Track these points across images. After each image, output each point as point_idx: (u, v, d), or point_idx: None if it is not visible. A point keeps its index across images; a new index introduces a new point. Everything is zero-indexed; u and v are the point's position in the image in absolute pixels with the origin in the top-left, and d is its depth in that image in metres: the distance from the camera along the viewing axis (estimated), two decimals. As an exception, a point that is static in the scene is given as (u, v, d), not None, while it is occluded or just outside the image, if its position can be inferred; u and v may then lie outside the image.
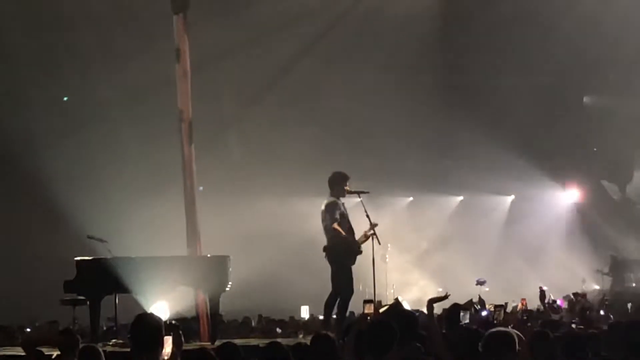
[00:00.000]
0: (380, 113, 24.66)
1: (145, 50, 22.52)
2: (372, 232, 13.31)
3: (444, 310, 11.13)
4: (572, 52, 24.37)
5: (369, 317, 12.53)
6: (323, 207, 13.39)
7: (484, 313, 15.78)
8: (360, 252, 13.46)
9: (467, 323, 11.14)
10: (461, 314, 10.73)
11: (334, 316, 13.79)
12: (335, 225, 13.15)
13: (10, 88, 24.11)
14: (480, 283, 20.08)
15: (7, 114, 23.82)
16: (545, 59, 24.86)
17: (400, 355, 7.45)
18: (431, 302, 8.39)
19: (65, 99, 25.13)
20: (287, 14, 23.72)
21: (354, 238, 13.35)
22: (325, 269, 13.48)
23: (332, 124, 24.91)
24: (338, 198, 13.40)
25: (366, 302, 14.34)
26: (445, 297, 8.88)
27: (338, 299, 13.37)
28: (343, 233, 13.17)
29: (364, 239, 13.35)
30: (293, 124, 23.95)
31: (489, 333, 6.89)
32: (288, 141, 23.97)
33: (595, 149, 26.96)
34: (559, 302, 19.35)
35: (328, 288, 13.44)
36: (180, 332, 9.31)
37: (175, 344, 8.66)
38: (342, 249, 13.21)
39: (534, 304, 18.60)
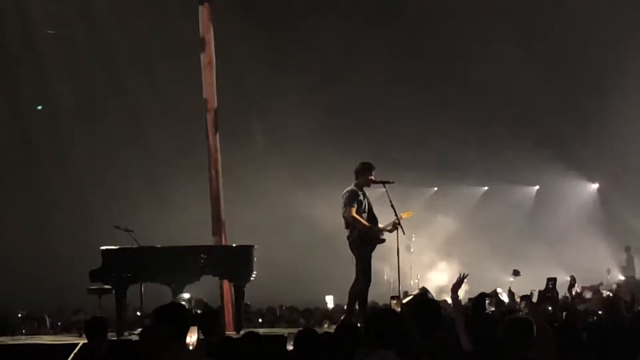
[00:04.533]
0: (404, 103, 24.61)
1: (171, 40, 22.67)
2: (397, 221, 13.32)
3: (470, 299, 11.14)
4: (598, 41, 24.25)
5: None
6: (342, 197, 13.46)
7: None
8: (382, 241, 13.45)
9: (493, 311, 11.13)
10: (486, 301, 10.71)
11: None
12: (353, 213, 13.19)
13: (39, 86, 24.31)
14: (516, 273, 20.05)
15: (36, 110, 24.11)
16: (571, 49, 24.72)
17: (426, 345, 7.43)
18: (454, 289, 8.33)
19: (39, 107, 25.16)
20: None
21: (376, 226, 13.35)
22: (350, 258, 13.48)
23: (356, 114, 24.90)
24: (361, 188, 13.43)
25: (393, 298, 14.39)
26: (463, 277, 8.74)
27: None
28: (361, 220, 13.19)
29: (391, 227, 13.34)
30: (319, 113, 23.93)
31: (507, 319, 6.90)
32: (313, 130, 23.96)
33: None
34: (578, 289, 19.27)
35: (353, 277, 13.45)
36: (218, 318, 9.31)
37: (210, 330, 8.67)
38: (359, 237, 13.24)
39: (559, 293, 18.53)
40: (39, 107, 24.96)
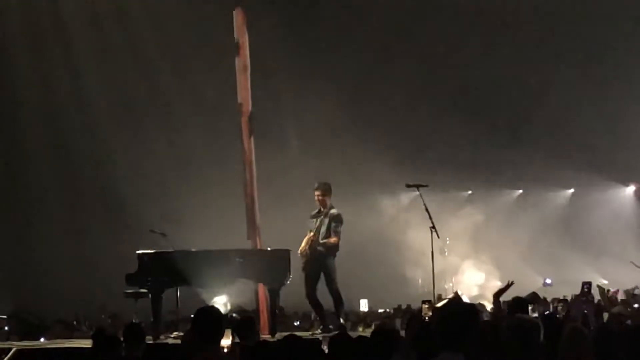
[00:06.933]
0: (438, 107, 24.57)
1: (206, 44, 22.76)
2: (432, 225, 13.41)
3: (506, 303, 11.09)
4: (631, 43, 24.12)
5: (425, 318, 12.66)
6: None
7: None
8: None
9: (536, 316, 11.09)
10: (529, 307, 10.65)
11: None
12: None
13: (74, 88, 24.47)
14: (547, 284, 20.01)
15: (71, 113, 24.26)
16: (604, 51, 24.57)
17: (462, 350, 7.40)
18: (497, 296, 8.31)
19: None
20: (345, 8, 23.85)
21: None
22: (384, 263, 13.61)
23: (390, 119, 24.88)
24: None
25: (424, 302, 14.48)
26: (509, 285, 8.74)
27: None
28: None
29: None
30: (352, 117, 23.92)
31: (511, 321, 6.90)
32: (347, 134, 23.95)
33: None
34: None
35: (387, 282, 13.57)
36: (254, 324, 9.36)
37: (246, 335, 8.71)
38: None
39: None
40: None
